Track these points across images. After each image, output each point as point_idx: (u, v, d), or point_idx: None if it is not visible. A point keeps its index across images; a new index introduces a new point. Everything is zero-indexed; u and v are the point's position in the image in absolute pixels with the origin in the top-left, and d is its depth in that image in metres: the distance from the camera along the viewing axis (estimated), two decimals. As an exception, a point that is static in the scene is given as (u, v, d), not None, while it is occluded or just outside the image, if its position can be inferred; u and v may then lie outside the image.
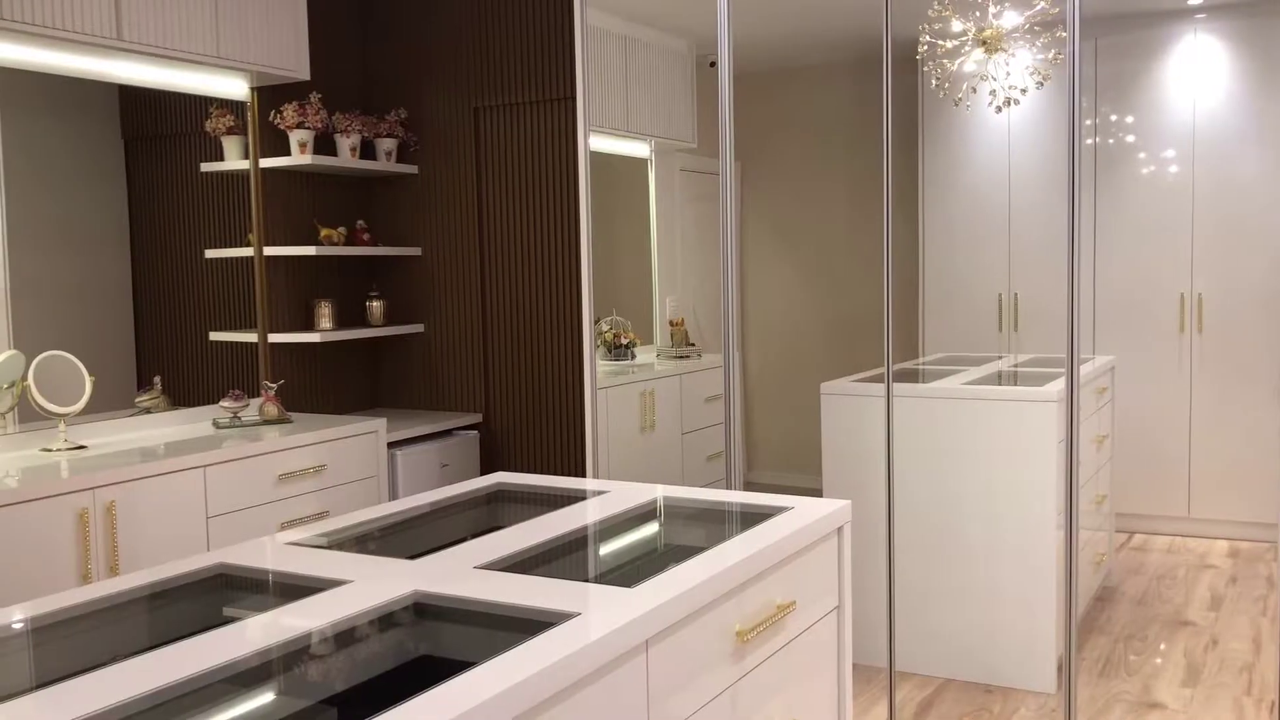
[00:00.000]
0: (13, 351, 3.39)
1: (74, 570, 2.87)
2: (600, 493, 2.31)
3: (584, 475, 4.34)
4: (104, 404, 3.61)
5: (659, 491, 2.31)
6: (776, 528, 1.92)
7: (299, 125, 4.03)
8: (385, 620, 1.54)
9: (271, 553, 1.87)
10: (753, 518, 2.03)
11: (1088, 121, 4.78)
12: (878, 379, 3.91)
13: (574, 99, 4.16)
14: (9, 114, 3.57)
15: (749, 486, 4.48)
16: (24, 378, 3.31)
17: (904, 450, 3.75)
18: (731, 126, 3.58)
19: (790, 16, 4.80)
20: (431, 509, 2.24)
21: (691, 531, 2.04)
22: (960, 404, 3.69)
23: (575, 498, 2.28)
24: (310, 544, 1.93)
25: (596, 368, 3.98)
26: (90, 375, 3.41)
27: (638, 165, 4.67)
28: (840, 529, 2.10)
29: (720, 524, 2.05)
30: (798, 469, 5.44)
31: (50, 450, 3.30)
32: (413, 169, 4.52)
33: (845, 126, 5.17)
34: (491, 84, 4.39)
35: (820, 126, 5.21)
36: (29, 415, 3.38)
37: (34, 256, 3.65)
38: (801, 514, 2.02)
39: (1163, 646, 3.79)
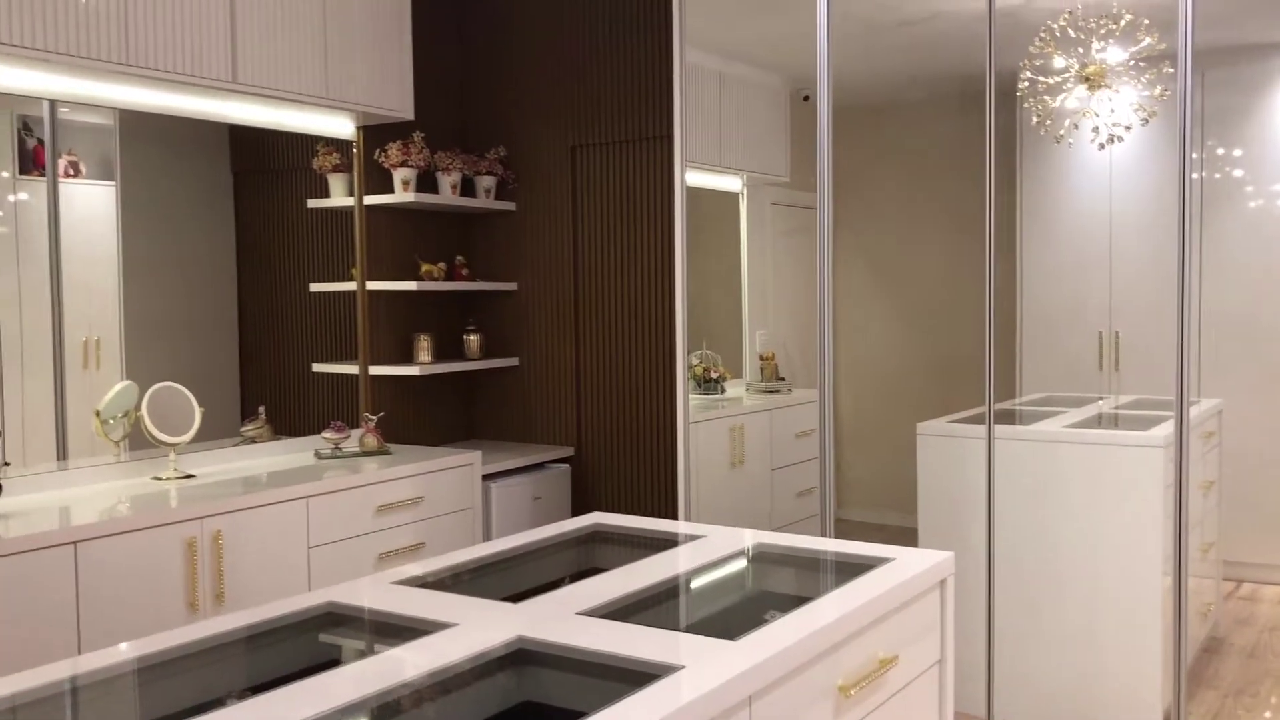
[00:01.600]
0: (127, 382, 3.52)
1: (181, 598, 2.96)
2: (696, 537, 2.31)
3: (675, 510, 4.34)
4: (210, 432, 3.73)
5: (755, 538, 2.30)
6: (879, 580, 1.90)
7: (403, 164, 4.13)
8: (490, 665, 1.56)
9: (378, 592, 1.91)
10: (853, 568, 2.01)
11: (1194, 155, 4.67)
12: (975, 420, 3.85)
13: (670, 138, 4.20)
14: (127, 151, 3.73)
15: (840, 524, 4.44)
16: (137, 408, 3.43)
17: (1003, 493, 3.68)
18: (829, 164, 3.57)
19: (888, 52, 4.78)
20: (531, 548, 2.26)
21: (791, 581, 2.03)
22: (1062, 447, 3.61)
23: (671, 542, 2.29)
24: (415, 583, 1.97)
25: (689, 402, 3.99)
26: (200, 406, 3.52)
27: (729, 199, 4.69)
28: (943, 581, 2.07)
29: (820, 574, 2.04)
30: (890, 507, 5.37)
31: (161, 479, 3.41)
32: (510, 205, 4.59)
33: (942, 161, 5.12)
34: (588, 123, 4.45)
35: (916, 161, 5.17)
36: (139, 444, 3.50)
37: (146, 289, 3.79)
38: (904, 566, 1.99)
39: (1274, 701, 3.64)
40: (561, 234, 4.53)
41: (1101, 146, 4.70)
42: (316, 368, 4.26)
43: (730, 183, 4.68)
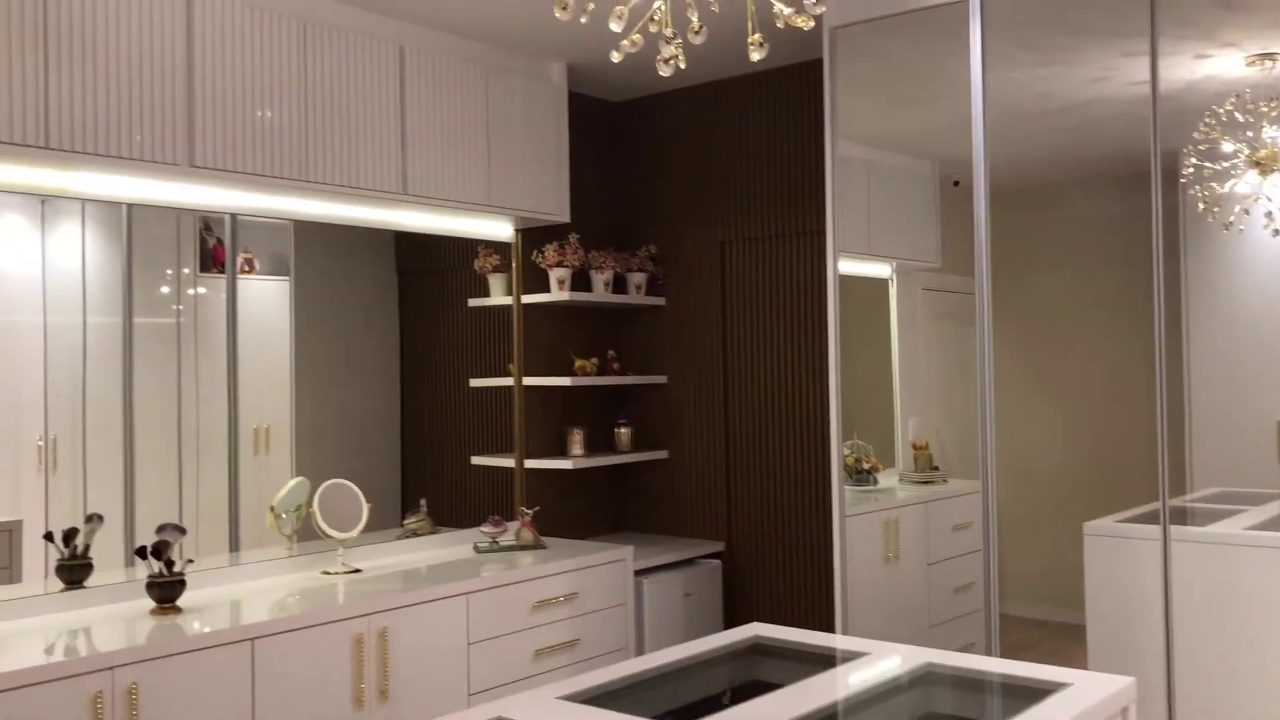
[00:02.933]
0: (300, 478, 3.68)
1: (348, 694, 3.04)
2: (859, 654, 2.26)
3: (830, 609, 4.27)
4: (373, 523, 3.84)
5: (921, 656, 2.24)
6: (1058, 708, 1.82)
7: (559, 264, 4.26)
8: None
9: (546, 708, 1.93)
10: (1028, 694, 1.94)
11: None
12: (1145, 518, 3.68)
13: (820, 231, 4.22)
14: (300, 250, 3.95)
15: (1001, 619, 4.28)
16: (309, 503, 3.58)
17: (1181, 601, 3.49)
18: (987, 253, 3.53)
19: (1043, 134, 4.71)
20: (694, 661, 2.26)
21: (966, 706, 1.97)
22: (1244, 551, 3.42)
23: (834, 658, 2.25)
24: (580, 698, 1.98)
25: (845, 496, 3.94)
26: (367, 502, 3.66)
27: (878, 285, 4.66)
28: (1124, 710, 1.98)
29: (992, 698, 1.97)
30: (1052, 602, 5.15)
31: (329, 573, 3.54)
32: (660, 300, 4.67)
33: (1101, 245, 4.99)
34: (738, 219, 4.50)
35: (1072, 244, 5.06)
36: (306, 535, 3.64)
37: (315, 382, 3.98)
38: (1082, 694, 1.91)
39: None
40: (711, 327, 4.57)
41: (1276, 233, 4.51)
42: (475, 460, 4.38)
43: (879, 269, 4.65)
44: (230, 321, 3.77)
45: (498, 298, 4.36)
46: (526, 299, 4.34)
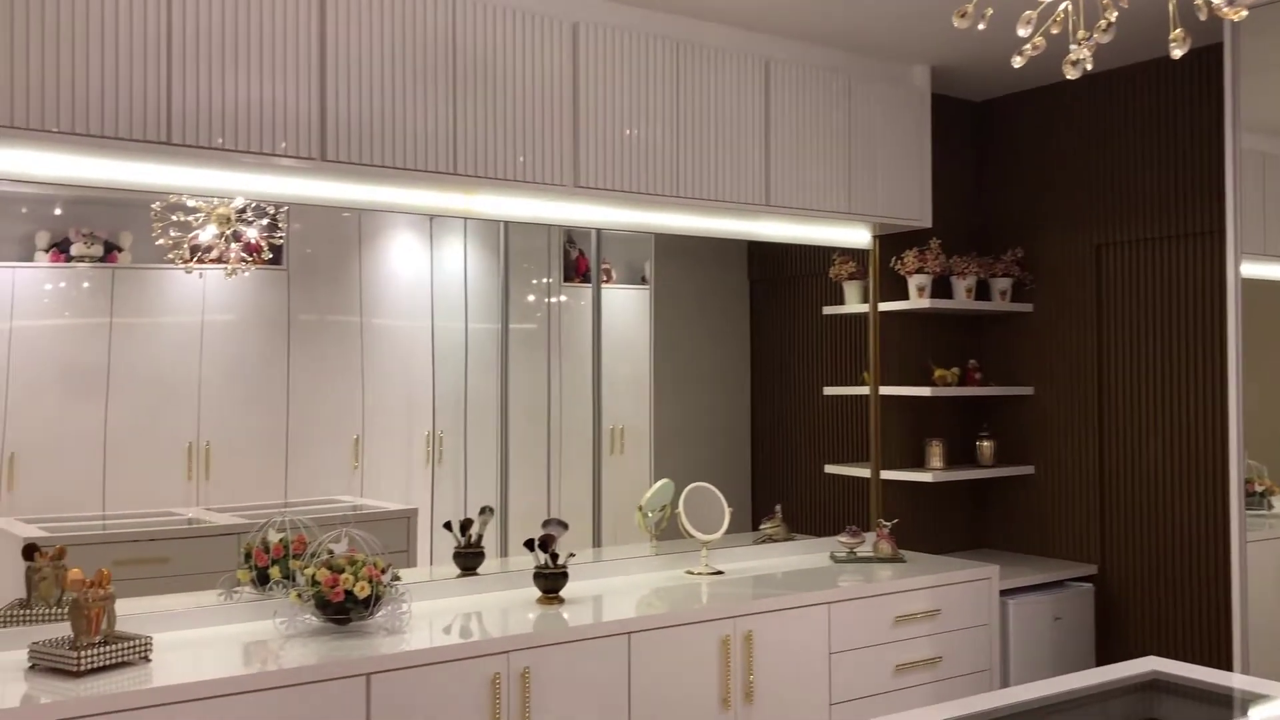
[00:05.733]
0: (666, 480, 3.83)
1: (715, 693, 3.13)
2: (1267, 697, 2.05)
3: (1222, 644, 3.90)
4: (728, 526, 3.91)
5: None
6: None
7: (919, 270, 4.17)
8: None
9: (930, 729, 1.89)
10: None
11: None
12: None
13: (1216, 232, 3.86)
14: (661, 263, 4.11)
15: None
16: (674, 504, 3.72)
17: None
18: None
19: None
20: (1086, 694, 2.14)
21: None
22: None
23: (1239, 701, 2.05)
24: (966, 723, 1.93)
25: (1245, 523, 3.58)
26: (729, 506, 3.74)
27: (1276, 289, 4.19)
28: None
29: None
30: None
31: (693, 574, 3.65)
32: (1027, 307, 4.45)
33: None
34: (1116, 220, 4.21)
35: None
36: (667, 535, 3.78)
37: (671, 392, 4.13)
38: None
39: None
40: (1084, 336, 4.30)
41: None
42: (828, 469, 4.37)
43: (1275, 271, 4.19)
44: (595, 328, 3.99)
45: (853, 305, 4.34)
46: (884, 306, 4.28)
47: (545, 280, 3.99)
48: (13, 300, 3.13)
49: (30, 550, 2.75)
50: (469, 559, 3.41)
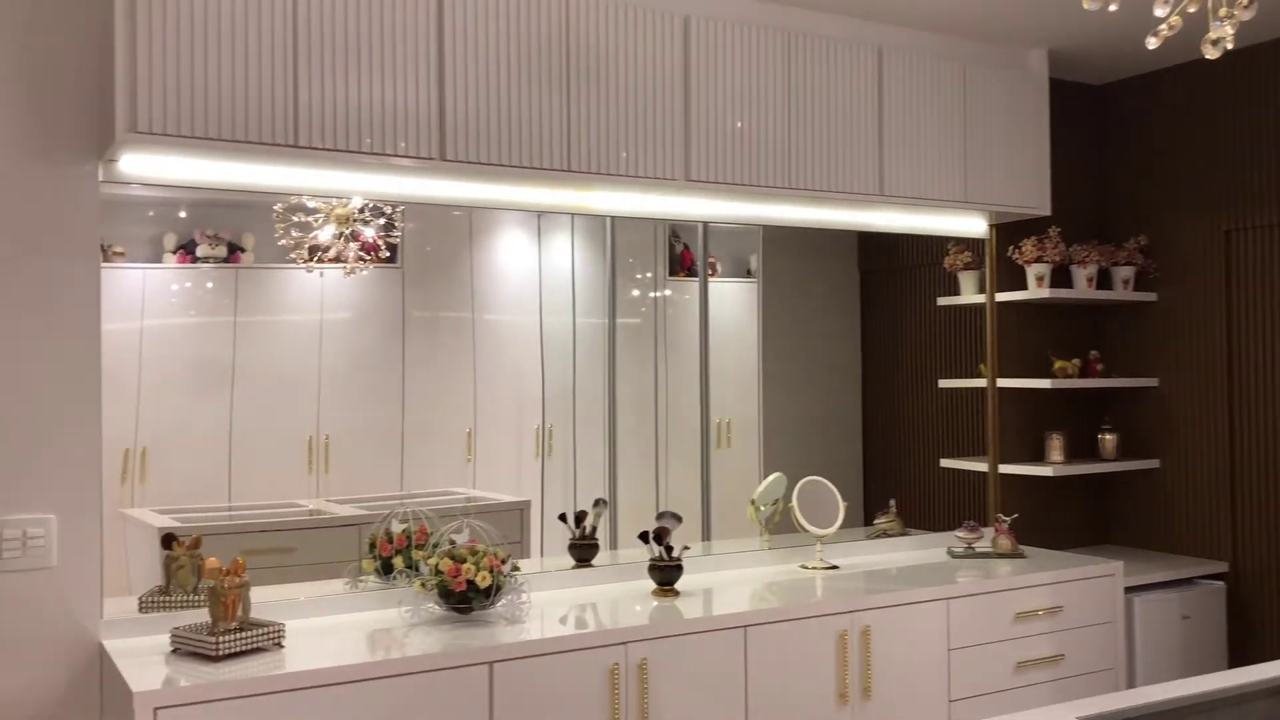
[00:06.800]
0: (778, 474, 3.81)
1: (832, 688, 3.10)
2: None
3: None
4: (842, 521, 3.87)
5: None
6: None
7: (1037, 259, 4.07)
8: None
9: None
10: None
11: None
12: None
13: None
14: (768, 255, 4.08)
15: None
16: (787, 498, 3.70)
17: None
18: None
19: None
20: (1218, 697, 2.06)
21: None
22: None
23: None
24: (1102, 722, 1.88)
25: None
26: (843, 501, 3.70)
27: None
28: None
29: None
30: None
31: (808, 568, 3.63)
32: (1151, 296, 4.31)
33: None
34: (1247, 204, 4.05)
35: None
36: (779, 530, 3.75)
37: (779, 385, 4.10)
38: None
39: None
40: (1213, 325, 4.14)
41: None
42: (944, 463, 4.29)
43: None
44: (703, 321, 3.98)
45: (969, 296, 4.25)
46: (1001, 296, 4.18)
47: (650, 275, 4.00)
48: (144, 300, 3.26)
49: (169, 539, 2.87)
50: (584, 550, 3.44)
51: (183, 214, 3.33)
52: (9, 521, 2.60)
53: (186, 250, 3.34)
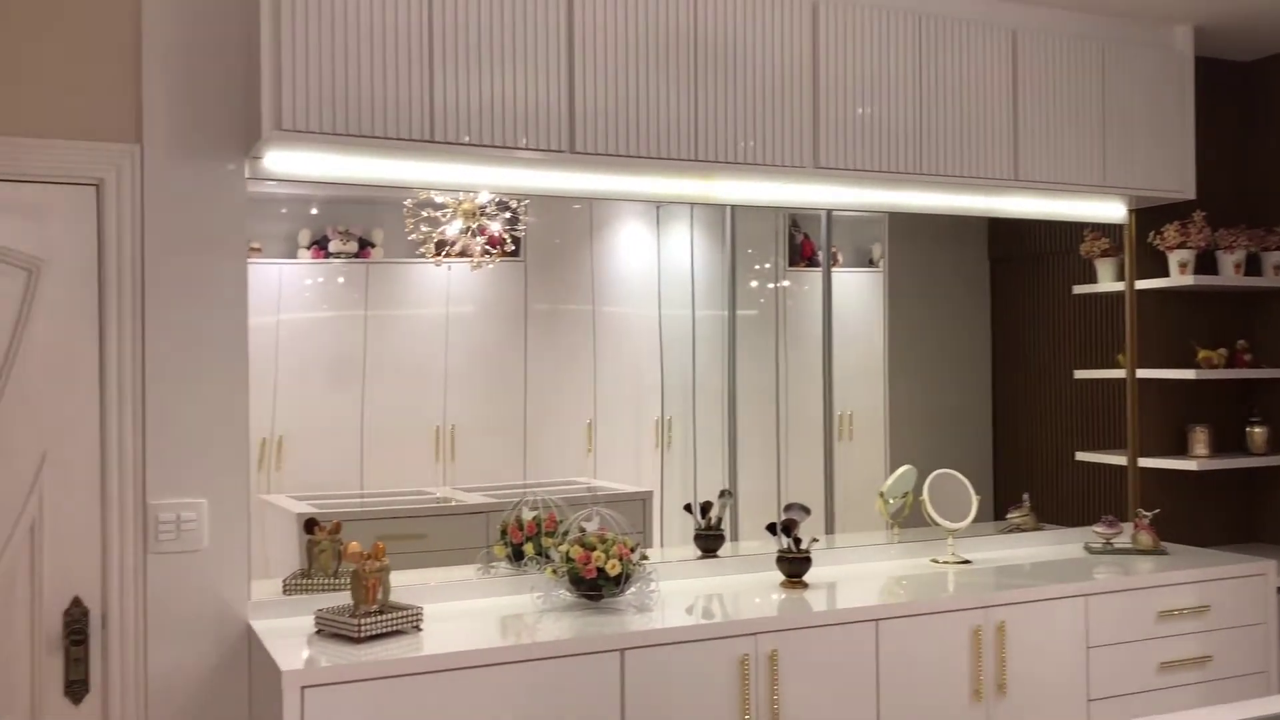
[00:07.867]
0: (908, 466, 3.74)
1: (965, 684, 3.03)
2: None
3: None
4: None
5: None
6: None
7: (1180, 245, 3.90)
8: None
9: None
10: None
11: None
12: None
13: None
14: (891, 241, 4.01)
15: None
16: (917, 491, 3.63)
17: None
18: None
19: None
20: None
21: None
22: None
23: None
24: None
25: None
26: (976, 494, 3.62)
27: None
28: None
29: None
30: None
31: (939, 562, 3.55)
32: (1304, 283, 4.10)
33: None
34: None
35: None
36: (910, 523, 3.68)
37: (905, 376, 4.02)
38: None
39: None
40: (1372, 313, 3.92)
41: None
42: (1080, 456, 4.16)
43: None
44: (825, 313, 3.93)
45: (1106, 283, 4.10)
46: (1141, 284, 4.03)
47: (769, 265, 3.96)
48: (280, 294, 3.37)
49: (310, 524, 2.96)
50: (709, 541, 3.44)
51: (315, 210, 3.44)
52: (164, 505, 2.72)
53: (320, 246, 3.44)
